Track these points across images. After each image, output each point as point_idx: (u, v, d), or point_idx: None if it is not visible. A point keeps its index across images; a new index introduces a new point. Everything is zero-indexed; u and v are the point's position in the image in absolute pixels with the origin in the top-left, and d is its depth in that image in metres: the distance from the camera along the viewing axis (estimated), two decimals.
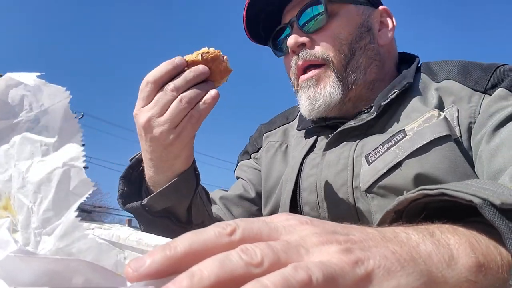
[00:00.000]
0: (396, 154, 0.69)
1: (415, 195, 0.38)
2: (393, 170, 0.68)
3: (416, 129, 0.70)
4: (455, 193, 0.35)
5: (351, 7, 0.81)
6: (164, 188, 0.68)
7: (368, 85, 0.81)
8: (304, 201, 0.80)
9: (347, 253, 0.26)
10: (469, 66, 0.74)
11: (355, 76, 0.78)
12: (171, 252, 0.25)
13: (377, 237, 0.29)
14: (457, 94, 0.71)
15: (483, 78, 0.70)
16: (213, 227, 0.27)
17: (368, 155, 0.72)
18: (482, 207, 0.33)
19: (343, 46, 0.78)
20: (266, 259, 0.24)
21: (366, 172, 0.71)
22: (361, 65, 0.79)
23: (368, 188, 0.70)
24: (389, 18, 0.85)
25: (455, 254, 0.30)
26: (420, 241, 0.30)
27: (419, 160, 0.67)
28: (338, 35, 0.78)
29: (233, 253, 0.24)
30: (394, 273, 0.26)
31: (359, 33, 0.80)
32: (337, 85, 0.77)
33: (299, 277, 0.23)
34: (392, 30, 0.84)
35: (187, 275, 0.23)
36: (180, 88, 0.60)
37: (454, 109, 0.70)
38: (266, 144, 0.96)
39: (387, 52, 0.84)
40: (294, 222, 0.29)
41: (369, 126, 0.77)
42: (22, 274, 0.23)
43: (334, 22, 0.79)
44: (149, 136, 0.63)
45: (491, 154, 0.63)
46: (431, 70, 0.79)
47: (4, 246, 0.25)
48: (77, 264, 0.24)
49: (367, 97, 0.81)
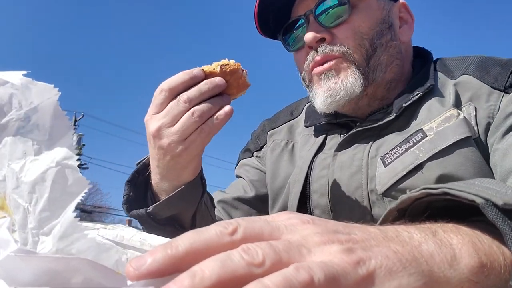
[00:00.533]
0: (416, 155, 0.66)
1: (418, 194, 0.38)
2: (413, 172, 0.66)
3: (436, 129, 0.67)
4: (457, 192, 0.35)
5: (372, 0, 0.76)
6: (170, 197, 0.67)
7: (385, 84, 0.78)
8: (315, 204, 0.77)
9: (349, 253, 0.26)
10: (487, 62, 0.71)
11: (376, 73, 0.75)
12: (172, 251, 0.25)
13: (379, 236, 0.29)
14: (475, 91, 0.69)
15: (502, 75, 0.68)
16: (214, 226, 0.27)
17: (384, 156, 0.69)
18: (484, 207, 0.33)
19: (364, 41, 0.74)
20: (268, 259, 0.24)
21: (382, 174, 0.68)
22: (382, 62, 0.75)
23: (385, 192, 0.67)
24: (408, 13, 0.81)
25: (458, 254, 0.30)
26: (422, 240, 0.30)
27: (442, 162, 0.64)
28: (359, 29, 0.74)
29: (235, 253, 0.24)
30: (395, 273, 0.26)
31: (380, 29, 0.75)
32: (359, 77, 0.73)
33: (301, 277, 0.23)
34: (411, 27, 0.81)
35: (188, 275, 0.23)
36: (193, 100, 0.59)
37: (472, 108, 0.68)
38: (271, 142, 0.93)
39: (406, 50, 0.81)
40: (295, 221, 0.29)
41: (384, 127, 0.74)
42: (22, 274, 0.23)
43: (355, 16, 0.74)
44: (157, 144, 0.61)
45: (504, 153, 0.62)
46: (447, 67, 0.76)
47: (4, 245, 0.25)
48: (78, 263, 0.24)
49: (382, 96, 0.78)
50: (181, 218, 0.72)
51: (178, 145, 0.60)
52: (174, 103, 0.59)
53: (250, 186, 0.92)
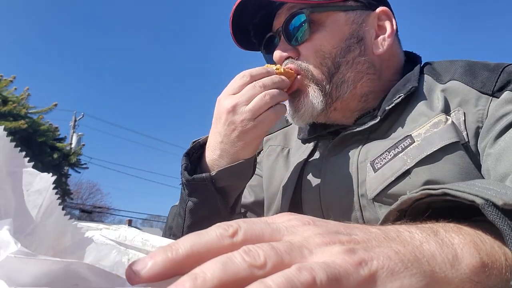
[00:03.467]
0: (404, 161, 0.67)
1: (418, 195, 0.38)
2: (401, 178, 0.66)
3: (424, 135, 0.67)
4: (457, 193, 0.35)
5: (339, 15, 0.76)
6: (232, 166, 0.72)
7: (360, 98, 0.78)
8: (307, 208, 0.78)
9: (351, 254, 0.26)
10: (475, 67, 0.71)
11: (341, 90, 0.76)
12: (172, 254, 0.25)
13: (380, 237, 0.29)
14: (463, 96, 0.69)
15: (490, 79, 0.68)
16: (215, 228, 0.27)
17: (373, 161, 0.70)
18: (484, 207, 0.33)
19: (326, 60, 0.75)
20: (269, 260, 0.24)
21: (372, 179, 0.69)
22: (348, 79, 0.76)
23: (375, 197, 0.68)
24: (388, 21, 0.78)
25: (459, 253, 0.30)
26: (423, 240, 0.30)
27: (429, 168, 0.65)
28: (322, 47, 0.75)
29: (236, 255, 0.24)
30: (397, 274, 0.26)
31: (346, 46, 0.75)
32: (320, 95, 0.75)
33: (303, 278, 0.23)
34: (390, 35, 0.77)
35: (189, 277, 0.23)
36: (267, 86, 0.70)
37: (461, 113, 0.68)
38: (267, 148, 0.94)
39: (385, 60, 0.79)
40: (296, 223, 0.29)
41: (371, 131, 0.75)
42: (22, 275, 0.23)
43: (318, 34, 0.75)
44: (230, 119, 0.69)
45: (497, 158, 0.62)
46: (435, 71, 0.76)
47: (4, 247, 0.24)
48: (77, 266, 0.24)
49: (361, 107, 0.79)
50: (230, 193, 0.76)
51: (249, 122, 0.68)
52: (251, 86, 0.70)
53: (249, 191, 0.93)
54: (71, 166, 13.55)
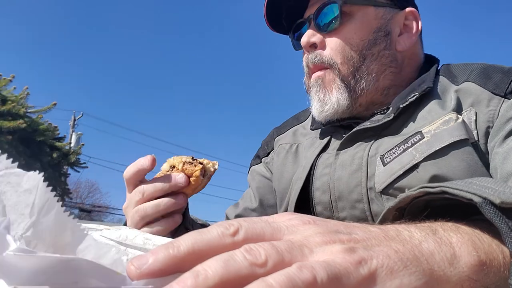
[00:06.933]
0: (413, 156, 0.68)
1: (416, 193, 0.38)
2: (409, 172, 0.67)
3: (433, 132, 0.68)
4: (455, 191, 0.35)
5: (369, 9, 0.79)
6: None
7: (382, 91, 0.80)
8: (317, 200, 0.79)
9: (351, 253, 0.26)
10: (490, 69, 0.73)
11: (365, 82, 0.78)
12: (174, 251, 0.25)
13: (380, 236, 0.29)
14: (476, 97, 0.70)
15: (503, 82, 0.69)
16: (216, 227, 0.27)
17: (383, 156, 0.71)
18: (482, 206, 0.33)
19: (352, 52, 0.77)
20: (270, 259, 0.24)
21: (381, 173, 0.70)
22: (372, 71, 0.78)
23: (383, 190, 0.69)
24: (415, 21, 0.82)
25: (457, 252, 0.30)
26: (422, 239, 0.30)
27: (437, 163, 0.66)
28: (350, 39, 0.77)
29: (237, 253, 0.24)
30: (397, 273, 0.26)
31: (373, 38, 0.78)
32: (344, 91, 0.77)
33: (304, 276, 0.23)
34: (415, 34, 0.81)
35: (191, 274, 0.23)
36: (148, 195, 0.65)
37: (472, 112, 0.69)
38: (277, 147, 0.96)
39: (407, 58, 0.82)
40: (296, 222, 0.29)
41: (384, 127, 0.76)
42: (22, 273, 0.23)
43: (348, 25, 0.78)
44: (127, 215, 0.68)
45: (504, 157, 0.63)
46: (451, 73, 0.78)
47: (3, 245, 0.24)
48: (77, 263, 0.24)
49: (381, 101, 0.81)
50: None
51: (140, 223, 0.66)
52: (133, 192, 0.66)
53: (255, 194, 0.96)
54: (70, 165, 13.53)
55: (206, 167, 0.68)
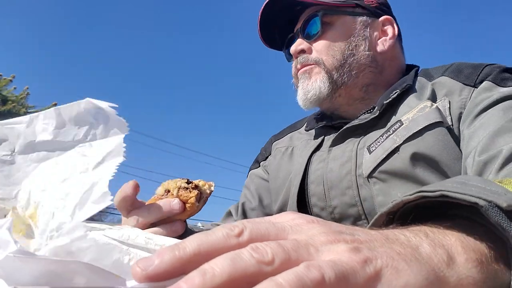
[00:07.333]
0: (394, 140, 0.76)
1: (413, 197, 0.37)
2: (391, 154, 0.76)
3: (411, 118, 0.77)
4: (457, 195, 0.34)
5: (348, 18, 0.90)
6: None
7: (361, 87, 0.89)
8: (312, 192, 0.86)
9: (356, 252, 0.26)
10: (461, 65, 0.82)
11: (346, 77, 0.87)
12: (180, 252, 0.25)
13: (381, 238, 0.29)
14: (449, 88, 0.79)
15: (473, 74, 0.78)
16: (221, 228, 0.27)
17: (370, 146, 0.80)
18: (488, 209, 0.33)
19: (336, 52, 0.88)
20: (277, 257, 0.24)
21: (367, 160, 0.78)
22: (353, 69, 0.88)
23: (369, 174, 0.77)
24: (391, 26, 0.92)
25: (451, 253, 0.31)
26: (418, 243, 0.30)
27: (415, 143, 0.74)
28: (332, 43, 0.88)
29: (244, 252, 0.24)
30: (402, 272, 0.26)
31: (353, 41, 0.89)
32: (327, 81, 0.87)
33: (312, 275, 0.23)
34: (393, 38, 0.91)
35: (199, 273, 0.23)
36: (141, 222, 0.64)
37: (446, 101, 0.78)
38: (275, 150, 1.04)
39: (388, 60, 0.91)
40: (301, 221, 0.29)
41: (372, 125, 0.84)
42: (22, 275, 0.23)
43: (329, 33, 0.89)
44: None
45: (469, 137, 0.71)
46: (429, 73, 0.87)
47: (4, 246, 0.24)
48: (76, 266, 0.24)
49: (362, 97, 0.90)
50: None
51: None
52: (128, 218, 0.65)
53: (254, 194, 1.02)
54: None
55: (202, 190, 0.66)
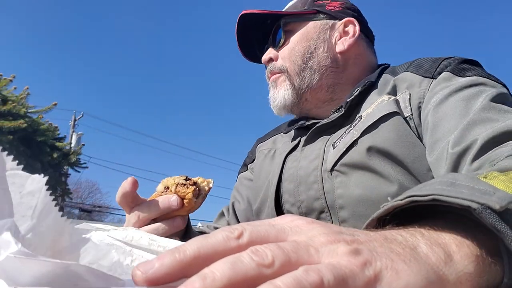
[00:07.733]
0: (353, 134, 0.80)
1: (403, 203, 0.36)
2: (350, 148, 0.79)
3: (369, 112, 0.81)
4: (450, 199, 0.33)
5: (309, 23, 0.95)
6: None
7: (327, 88, 0.93)
8: (285, 190, 0.89)
9: (356, 255, 0.26)
10: (422, 60, 0.85)
11: (308, 80, 0.92)
12: (180, 255, 0.25)
13: (380, 239, 0.29)
14: (410, 82, 0.82)
15: (432, 66, 0.81)
16: (220, 231, 0.27)
17: (334, 142, 0.83)
18: (482, 212, 0.32)
19: (297, 58, 0.92)
20: (277, 259, 0.24)
21: (331, 155, 0.82)
22: (315, 71, 0.92)
23: (332, 168, 0.81)
24: (352, 26, 0.95)
25: (447, 251, 0.31)
26: (415, 243, 0.30)
27: (371, 136, 0.78)
28: (294, 49, 0.93)
29: (244, 255, 0.24)
30: (402, 273, 0.26)
31: (313, 44, 0.93)
32: (290, 89, 0.92)
33: (311, 279, 0.23)
34: (353, 37, 0.94)
35: (199, 277, 0.23)
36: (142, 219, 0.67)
37: (407, 94, 0.81)
38: (258, 153, 1.08)
39: (351, 58, 0.94)
40: (300, 222, 0.29)
41: (340, 124, 0.87)
42: (22, 275, 0.23)
43: (291, 39, 0.94)
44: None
45: (434, 125, 0.73)
46: (394, 70, 0.89)
47: (5, 246, 0.24)
48: (76, 268, 0.24)
49: (330, 97, 0.93)
50: None
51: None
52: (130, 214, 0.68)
53: (243, 196, 1.05)
54: (70, 165, 13.55)
55: (200, 186, 0.68)
